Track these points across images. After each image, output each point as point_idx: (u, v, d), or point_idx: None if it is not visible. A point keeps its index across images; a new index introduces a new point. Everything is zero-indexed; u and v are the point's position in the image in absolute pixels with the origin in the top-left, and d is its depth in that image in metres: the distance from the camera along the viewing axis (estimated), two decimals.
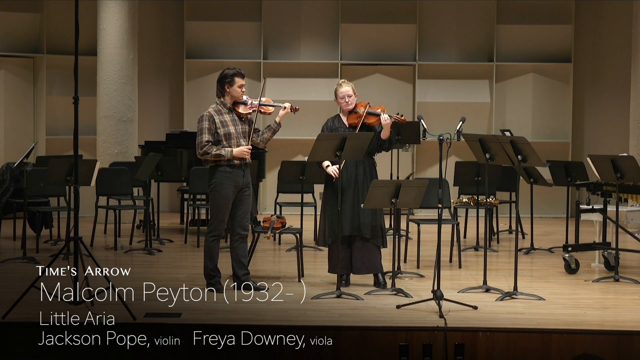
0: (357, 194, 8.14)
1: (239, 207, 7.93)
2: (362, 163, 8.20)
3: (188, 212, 11.57)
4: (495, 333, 6.66)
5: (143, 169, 10.44)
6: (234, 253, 7.97)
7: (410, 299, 7.57)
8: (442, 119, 13.23)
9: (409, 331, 6.66)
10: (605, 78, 14.00)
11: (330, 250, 8.22)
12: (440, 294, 7.22)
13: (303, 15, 14.16)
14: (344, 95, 8.22)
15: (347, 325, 6.77)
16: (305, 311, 7.22)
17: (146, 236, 10.24)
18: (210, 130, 7.82)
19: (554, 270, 9.22)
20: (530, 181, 9.94)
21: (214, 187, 7.87)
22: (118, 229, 10.41)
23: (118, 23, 12.50)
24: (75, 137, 6.99)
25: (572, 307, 7.57)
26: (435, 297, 7.22)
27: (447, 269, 9.22)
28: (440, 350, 6.60)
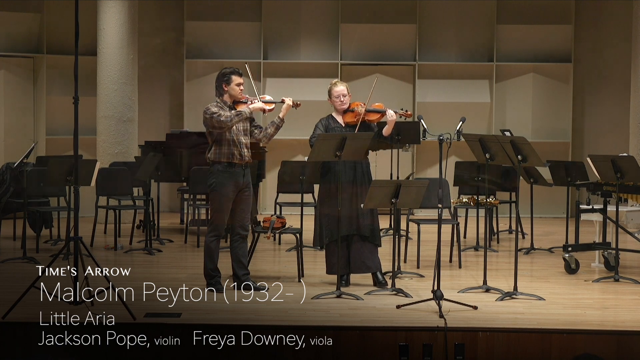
0: (354, 194, 8.14)
1: (239, 207, 7.93)
2: (360, 163, 8.20)
3: (188, 212, 11.57)
4: (495, 333, 6.66)
5: (143, 169, 10.44)
6: (234, 253, 7.97)
7: (410, 299, 7.57)
8: (442, 119, 13.23)
9: (409, 331, 6.66)
10: (605, 78, 14.00)
11: (327, 251, 8.22)
12: (440, 294, 7.22)
13: (303, 15, 14.17)
14: (339, 95, 8.22)
15: (347, 325, 6.76)
16: (305, 311, 7.22)
17: (146, 236, 10.23)
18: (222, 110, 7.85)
19: (554, 270, 9.22)
20: (530, 181, 9.94)
21: (214, 187, 7.87)
22: (118, 229, 10.41)
23: (118, 23, 12.51)
24: (75, 137, 6.98)
25: (572, 307, 7.57)
26: (435, 297, 7.22)
27: (447, 269, 9.22)
28: (440, 350, 6.60)
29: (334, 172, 8.06)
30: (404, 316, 7.09)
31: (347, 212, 8.10)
